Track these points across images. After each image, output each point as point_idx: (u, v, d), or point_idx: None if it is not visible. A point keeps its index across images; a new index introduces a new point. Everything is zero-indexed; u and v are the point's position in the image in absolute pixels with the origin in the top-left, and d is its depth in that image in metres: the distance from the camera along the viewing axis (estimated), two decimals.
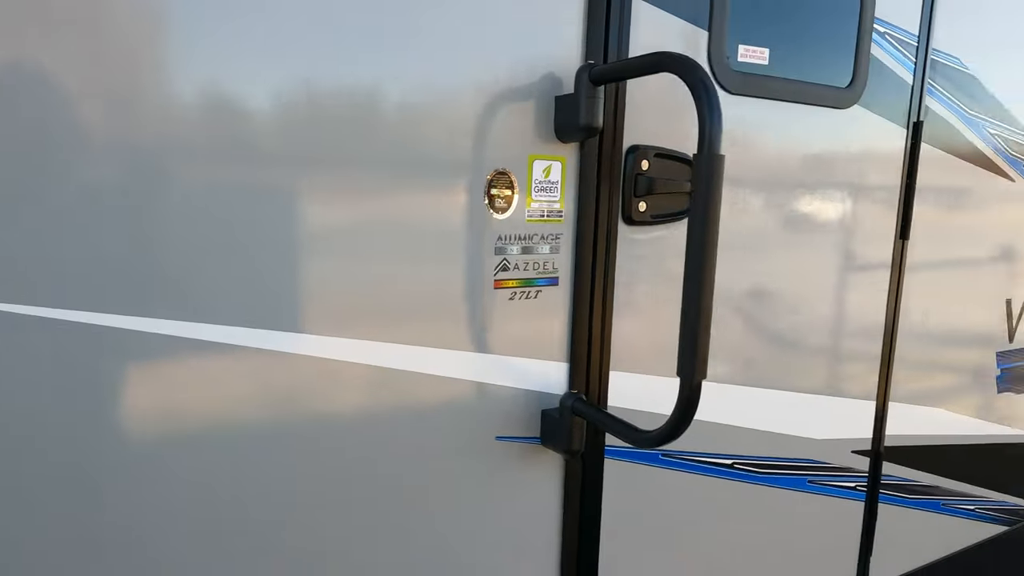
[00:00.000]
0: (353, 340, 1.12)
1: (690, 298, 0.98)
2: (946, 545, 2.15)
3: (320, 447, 1.11)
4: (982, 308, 2.08)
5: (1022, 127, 2.00)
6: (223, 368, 1.02)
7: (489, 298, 1.23)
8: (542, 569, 1.38)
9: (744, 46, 1.41)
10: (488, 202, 1.20)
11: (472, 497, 1.27)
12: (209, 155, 0.96)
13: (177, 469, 1.01)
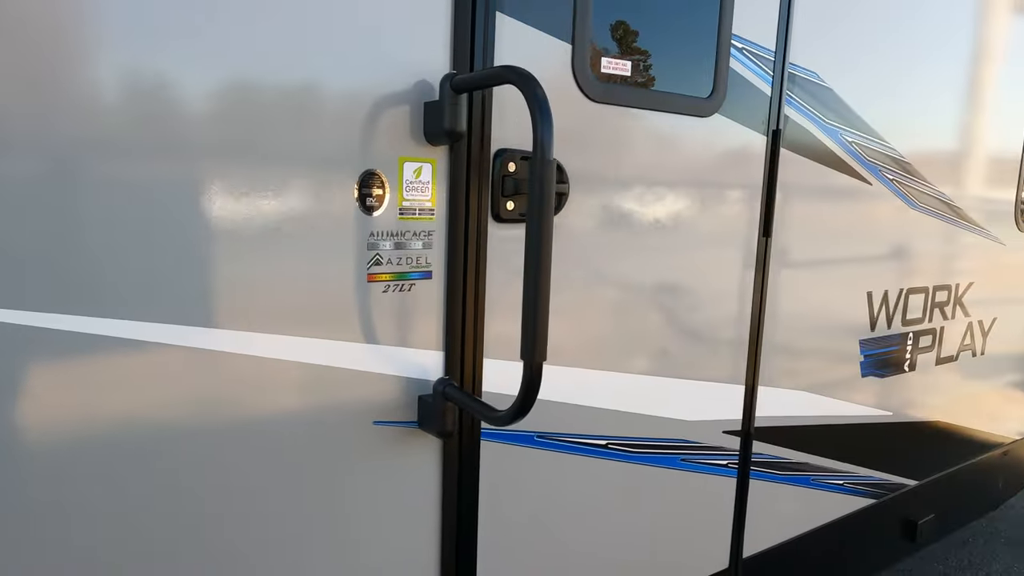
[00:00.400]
0: (231, 332, 1.18)
1: (529, 289, 1.08)
2: (817, 517, 2.35)
3: (200, 438, 1.17)
4: (845, 300, 2.28)
5: (876, 135, 2.21)
6: (99, 362, 1.07)
7: (363, 291, 1.31)
8: (423, 545, 1.47)
9: (607, 58, 1.54)
10: (359, 200, 1.28)
11: (352, 478, 1.35)
12: (82, 150, 1.02)
13: (69, 467, 1.06)
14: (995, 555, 4.06)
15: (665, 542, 1.92)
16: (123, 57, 1.03)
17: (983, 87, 2.61)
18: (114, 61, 1.02)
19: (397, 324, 1.36)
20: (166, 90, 1.06)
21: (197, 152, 1.11)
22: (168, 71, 1.06)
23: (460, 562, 1.50)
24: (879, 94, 2.21)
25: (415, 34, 1.29)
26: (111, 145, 1.04)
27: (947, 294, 2.66)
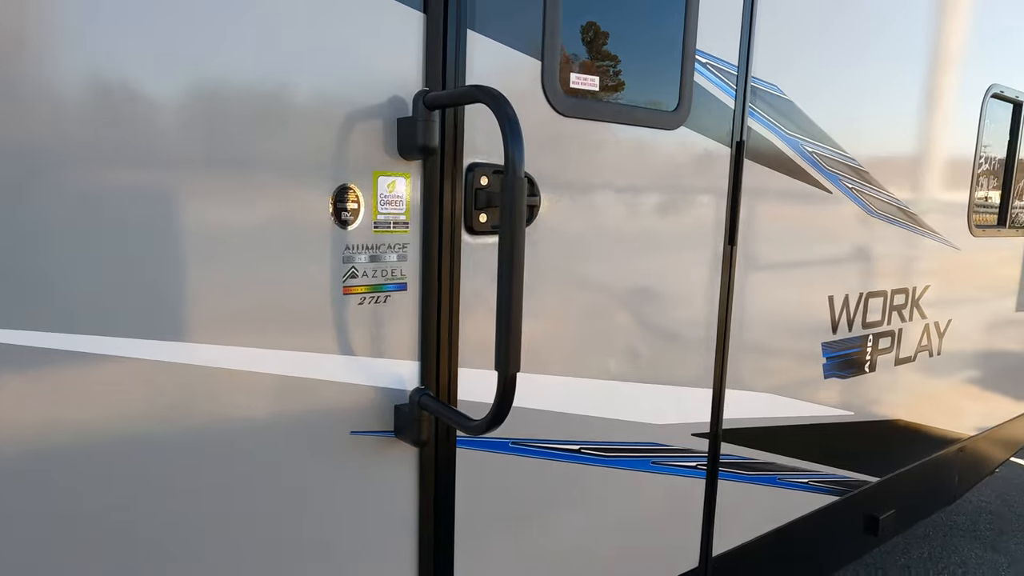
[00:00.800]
0: (208, 345, 1.19)
1: (503, 301, 1.12)
2: (783, 515, 2.42)
3: (176, 451, 1.18)
4: (808, 304, 2.35)
5: (835, 144, 2.29)
6: (71, 376, 1.07)
7: (339, 304, 1.33)
8: (400, 550, 1.49)
9: (576, 74, 1.58)
10: (335, 214, 1.30)
11: (330, 487, 1.37)
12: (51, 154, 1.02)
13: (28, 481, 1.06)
14: (954, 548, 4.21)
15: (637, 543, 1.97)
16: (92, 61, 1.04)
17: (937, 100, 2.72)
18: (79, 65, 1.03)
19: (373, 335, 1.39)
20: (142, 98, 1.08)
21: (173, 163, 1.12)
22: (143, 79, 1.08)
23: (437, 566, 1.53)
24: (837, 105, 2.29)
25: (388, 51, 1.32)
26: (81, 153, 1.05)
27: (905, 297, 2.76)
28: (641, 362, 1.87)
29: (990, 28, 2.96)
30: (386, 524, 1.47)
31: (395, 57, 1.33)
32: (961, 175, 2.97)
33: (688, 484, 2.06)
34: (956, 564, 4.00)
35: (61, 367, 1.06)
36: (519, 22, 1.47)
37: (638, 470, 1.90)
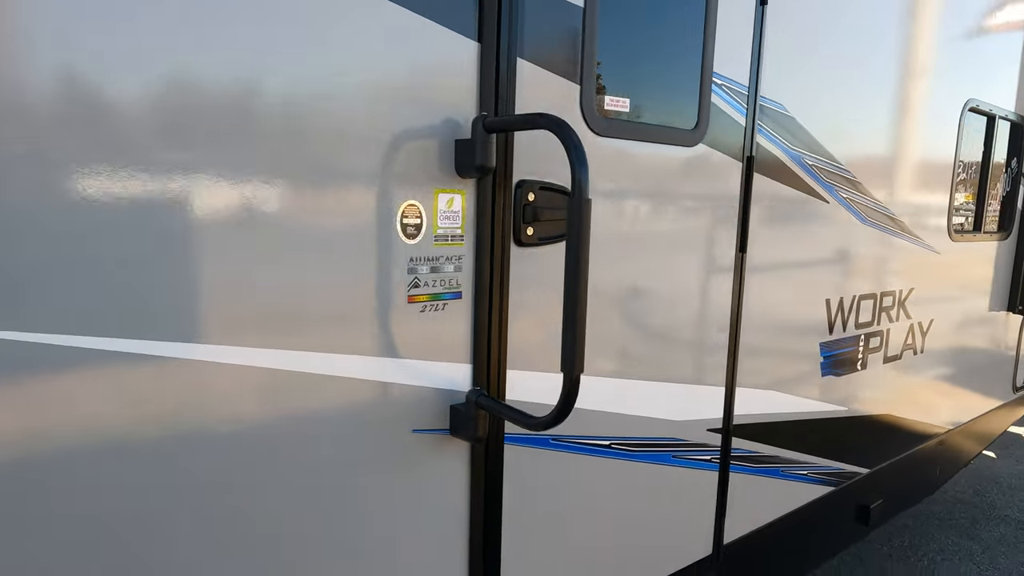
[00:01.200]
0: (286, 351, 1.29)
1: (569, 309, 1.24)
2: (786, 505, 2.58)
3: (262, 445, 1.28)
4: (808, 307, 2.51)
5: (831, 157, 2.46)
6: (172, 381, 1.17)
7: (404, 311, 1.44)
8: (453, 537, 1.60)
9: (610, 96, 1.71)
10: (401, 230, 1.41)
11: (392, 481, 1.48)
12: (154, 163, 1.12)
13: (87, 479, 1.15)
14: (932, 536, 4.43)
15: (658, 532, 2.10)
16: (206, 83, 1.14)
17: (920, 114, 2.91)
18: (199, 91, 1.13)
19: (432, 340, 1.49)
20: (250, 117, 1.17)
21: (261, 177, 1.22)
22: (253, 102, 1.18)
23: (487, 550, 1.64)
24: (832, 120, 2.46)
25: (446, 78, 1.43)
26: (187, 167, 1.14)
27: (892, 299, 2.94)
28: (663, 362, 2.00)
29: (966, 47, 3.17)
30: (441, 514, 1.57)
31: (453, 83, 1.44)
32: (941, 183, 3.17)
33: (703, 477, 2.20)
34: (935, 551, 4.22)
35: (152, 372, 1.15)
36: (561, 50, 1.59)
37: (660, 464, 2.03)
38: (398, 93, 1.36)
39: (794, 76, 2.26)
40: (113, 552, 1.15)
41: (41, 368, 1.05)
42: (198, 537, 1.23)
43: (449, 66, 1.43)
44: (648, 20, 1.77)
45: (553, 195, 1.61)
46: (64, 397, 1.07)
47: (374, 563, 1.48)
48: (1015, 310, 3.99)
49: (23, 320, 1.02)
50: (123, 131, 1.07)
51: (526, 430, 1.56)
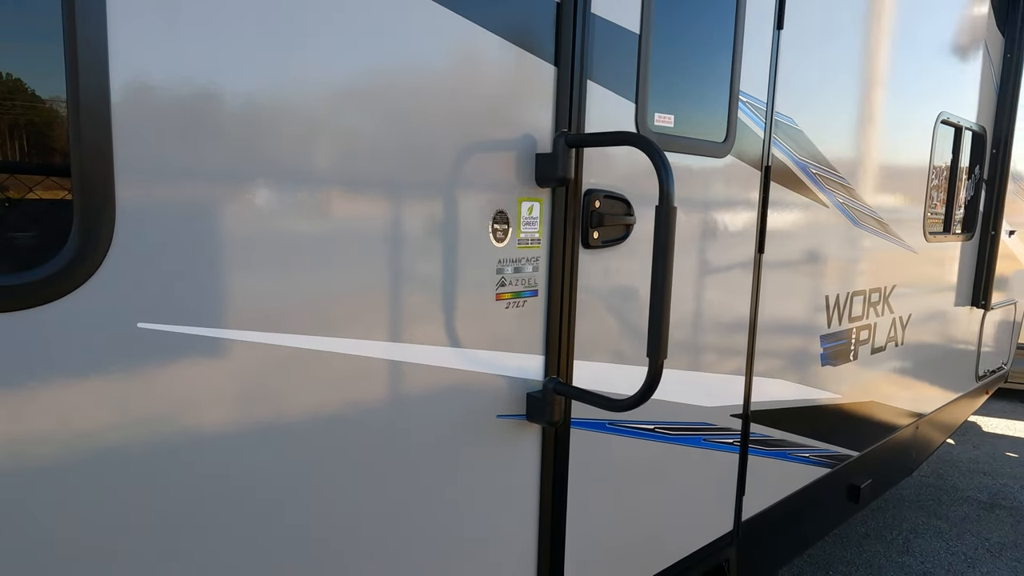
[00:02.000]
0: (397, 344, 1.44)
1: (656, 302, 1.41)
2: (792, 485, 2.81)
3: (368, 428, 1.42)
4: (812, 303, 2.75)
5: (829, 165, 2.70)
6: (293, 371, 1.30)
7: (493, 308, 1.60)
8: (527, 509, 1.76)
9: (658, 113, 1.90)
10: (492, 235, 1.57)
11: (478, 460, 1.63)
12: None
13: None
14: (904, 517, 4.77)
15: (690, 509, 2.29)
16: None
17: (901, 126, 3.20)
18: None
19: (513, 334, 1.65)
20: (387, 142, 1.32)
21: (385, 190, 1.36)
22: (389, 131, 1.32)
23: (555, 517, 1.81)
24: (830, 131, 2.70)
25: (528, 97, 1.60)
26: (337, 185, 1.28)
27: (878, 295, 3.21)
28: (697, 353, 2.20)
29: (937, 65, 3.47)
30: (518, 490, 1.73)
31: (533, 102, 1.61)
32: (918, 189, 3.46)
33: (726, 458, 2.40)
34: (908, 531, 4.55)
35: (281, 362, 1.29)
36: (621, 72, 1.77)
37: (693, 446, 2.23)
38: (494, 114, 1.52)
39: (802, 93, 2.49)
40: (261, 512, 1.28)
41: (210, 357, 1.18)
42: (322, 506, 1.37)
43: (532, 87, 1.59)
44: (688, 44, 1.97)
45: (615, 202, 1.79)
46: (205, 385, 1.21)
47: (462, 530, 1.63)
48: (978, 305, 4.33)
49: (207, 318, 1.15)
50: (271, 145, 1.21)
51: (602, 413, 1.73)
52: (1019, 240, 4.91)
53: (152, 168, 1.08)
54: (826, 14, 2.56)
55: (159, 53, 1.07)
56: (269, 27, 1.18)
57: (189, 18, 1.09)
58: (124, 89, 1.04)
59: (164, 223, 1.10)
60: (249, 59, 1.16)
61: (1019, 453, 6.04)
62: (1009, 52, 4.11)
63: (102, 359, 1.07)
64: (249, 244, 1.20)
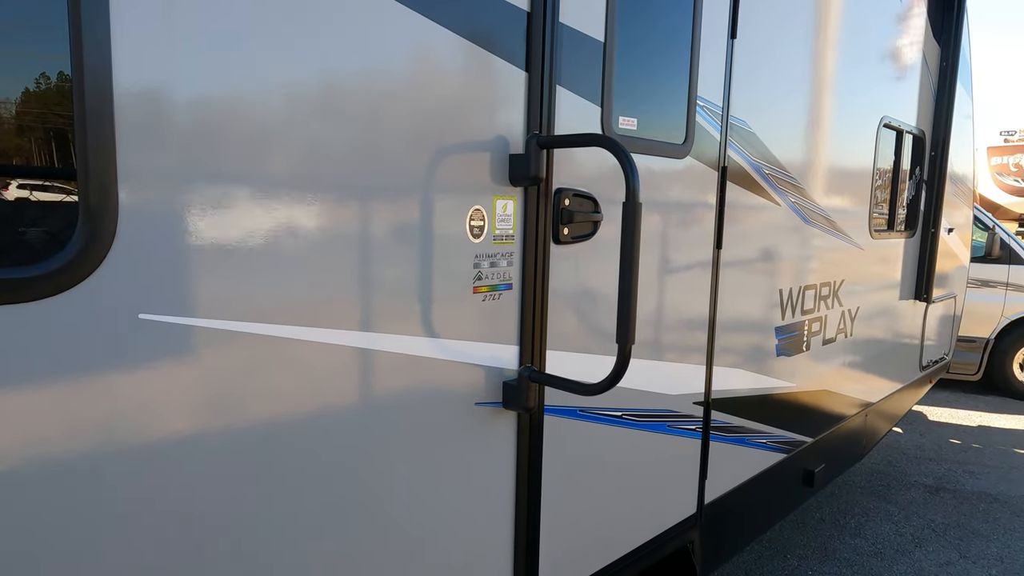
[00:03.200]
0: (382, 334, 1.51)
1: (624, 291, 1.52)
2: (750, 470, 2.96)
3: (348, 419, 1.49)
4: (767, 297, 2.91)
5: (780, 166, 2.86)
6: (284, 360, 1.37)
7: (470, 300, 1.68)
8: (503, 490, 1.85)
9: (623, 117, 2.01)
10: (469, 231, 1.66)
11: (458, 446, 1.71)
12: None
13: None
14: (856, 501, 5.00)
15: (657, 493, 2.41)
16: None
17: (847, 129, 3.39)
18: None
19: (490, 325, 1.74)
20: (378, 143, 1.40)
21: (366, 192, 1.44)
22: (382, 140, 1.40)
23: (530, 499, 1.90)
24: (780, 133, 2.87)
25: (502, 101, 1.69)
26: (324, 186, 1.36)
27: (828, 289, 3.40)
28: (662, 344, 2.32)
29: (880, 71, 3.69)
30: (495, 473, 1.82)
31: (506, 105, 1.70)
32: (864, 188, 3.67)
33: (689, 444, 2.53)
34: (860, 515, 4.77)
35: (274, 351, 1.35)
36: (587, 77, 1.88)
37: (658, 432, 2.35)
38: (471, 116, 1.61)
39: (755, 98, 2.64)
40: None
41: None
42: (317, 497, 1.44)
43: (505, 91, 1.69)
44: (649, 51, 2.09)
45: (583, 201, 1.90)
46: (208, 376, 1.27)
47: (442, 513, 1.71)
48: (920, 298, 4.59)
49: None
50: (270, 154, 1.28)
51: (574, 400, 1.83)
52: (957, 237, 5.21)
53: (152, 169, 1.14)
54: (776, 25, 2.72)
55: (161, 59, 1.13)
56: (265, 30, 1.25)
57: (188, 24, 1.16)
58: (126, 92, 1.10)
59: (163, 220, 1.16)
60: (247, 64, 1.23)
61: (962, 440, 6.38)
62: (944, 60, 4.38)
63: (107, 348, 1.12)
64: (242, 240, 1.26)
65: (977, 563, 4.13)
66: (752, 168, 2.67)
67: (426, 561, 1.68)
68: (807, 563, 4.07)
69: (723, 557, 2.94)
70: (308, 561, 1.44)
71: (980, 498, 5.08)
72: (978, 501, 5.03)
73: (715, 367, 2.61)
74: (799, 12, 2.87)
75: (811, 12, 2.96)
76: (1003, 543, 4.40)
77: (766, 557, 4.12)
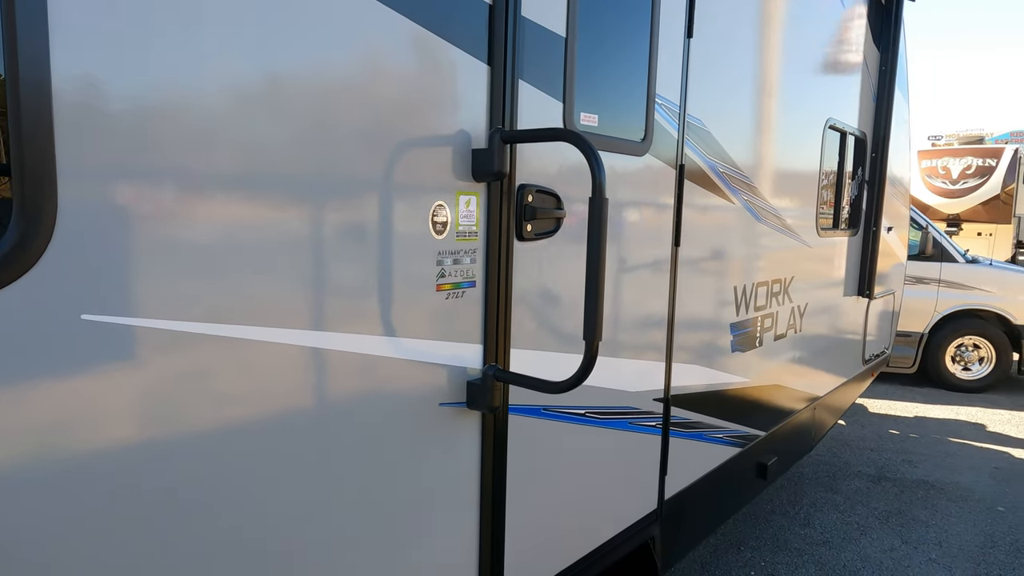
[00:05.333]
0: (340, 334, 1.46)
1: (591, 288, 1.50)
2: (708, 464, 3.00)
3: (306, 423, 1.44)
4: (722, 293, 2.95)
5: (735, 165, 2.91)
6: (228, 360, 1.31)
7: (433, 298, 1.64)
8: (470, 489, 1.81)
9: (584, 113, 2.00)
10: (432, 227, 1.61)
11: (425, 447, 1.67)
12: None
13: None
14: (804, 493, 5.14)
15: (619, 489, 2.41)
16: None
17: (796, 130, 3.48)
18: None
19: (453, 324, 1.70)
20: (330, 139, 1.34)
21: (331, 188, 1.39)
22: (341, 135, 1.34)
23: (495, 498, 1.87)
24: (735, 132, 2.91)
25: (463, 95, 1.65)
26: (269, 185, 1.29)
27: (779, 286, 3.48)
28: (622, 340, 2.32)
29: (825, 74, 3.80)
30: (460, 473, 1.78)
31: (469, 99, 1.67)
32: (811, 188, 3.77)
33: (650, 440, 2.54)
34: (808, 504, 4.91)
35: (224, 353, 1.29)
36: (549, 73, 1.86)
37: (620, 429, 2.35)
38: (433, 110, 1.57)
39: (710, 98, 2.68)
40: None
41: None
42: (271, 495, 1.37)
43: (468, 85, 1.65)
44: (610, 48, 2.09)
45: (546, 197, 1.87)
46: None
47: (406, 516, 1.66)
48: (862, 294, 4.75)
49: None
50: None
51: (538, 399, 1.80)
52: (896, 236, 5.42)
53: (96, 164, 1.07)
54: (729, 26, 2.77)
55: (103, 51, 1.06)
56: (211, 21, 1.18)
57: (132, 15, 1.08)
58: (66, 85, 1.02)
59: (108, 217, 1.09)
60: (193, 57, 1.16)
61: (900, 431, 6.64)
62: (884, 65, 4.55)
63: (45, 350, 1.04)
64: (192, 237, 1.19)
65: (918, 548, 4.30)
66: (708, 166, 2.70)
67: (390, 566, 1.63)
68: (760, 554, 4.16)
69: (682, 551, 2.97)
70: (265, 573, 1.38)
71: (919, 485, 5.30)
72: (917, 488, 5.24)
73: (674, 364, 2.63)
74: (751, 14, 2.93)
75: (762, 15, 3.02)
76: (941, 528, 4.59)
77: (721, 550, 4.19)
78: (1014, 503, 5.03)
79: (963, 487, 5.30)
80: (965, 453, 6.06)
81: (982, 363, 8.00)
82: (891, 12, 4.49)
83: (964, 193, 16.66)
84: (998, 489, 5.27)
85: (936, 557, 4.19)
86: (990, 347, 7.90)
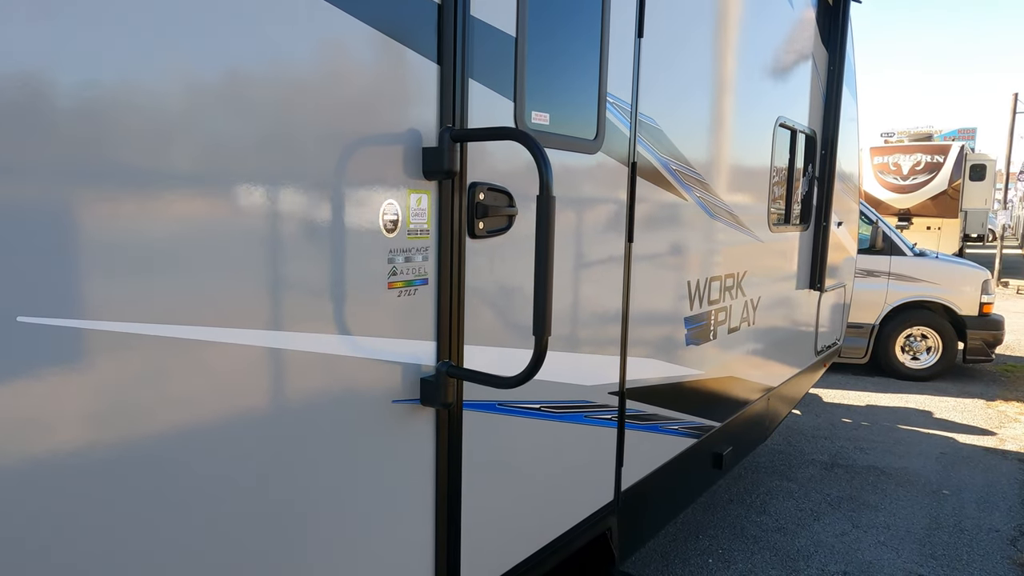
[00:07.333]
0: (289, 332, 1.46)
1: (539, 284, 1.53)
2: (664, 455, 3.06)
3: (257, 424, 1.43)
4: (676, 288, 3.01)
5: (687, 162, 2.97)
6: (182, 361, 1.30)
7: (384, 296, 1.65)
8: (424, 485, 1.83)
9: (535, 112, 2.03)
10: (383, 225, 1.62)
11: (379, 443, 1.68)
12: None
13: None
14: (760, 481, 5.28)
15: (576, 481, 2.45)
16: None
17: (746, 128, 3.56)
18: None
19: (406, 321, 1.72)
20: (288, 137, 1.34)
21: (279, 183, 1.38)
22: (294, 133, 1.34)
23: (451, 494, 1.89)
24: (686, 130, 2.98)
25: (412, 94, 1.66)
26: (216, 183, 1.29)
27: (732, 280, 3.56)
28: (577, 335, 2.36)
29: (776, 73, 3.90)
30: (415, 470, 1.80)
31: (419, 98, 1.68)
32: (762, 184, 3.87)
33: (606, 433, 2.59)
34: (764, 493, 5.04)
35: (169, 353, 1.28)
36: (500, 71, 1.88)
37: (576, 423, 2.39)
38: (382, 108, 1.58)
39: (662, 96, 2.73)
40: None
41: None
42: (228, 498, 1.37)
43: (417, 84, 1.66)
44: (560, 47, 2.12)
45: (497, 195, 1.90)
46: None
47: (360, 515, 1.67)
48: (814, 287, 4.89)
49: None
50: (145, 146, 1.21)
51: (493, 395, 1.82)
52: (846, 230, 5.58)
53: (32, 159, 1.05)
54: (680, 25, 2.82)
55: (42, 42, 1.04)
56: (159, 14, 1.17)
57: (74, 5, 1.07)
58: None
59: (46, 214, 1.07)
60: (139, 51, 1.15)
61: (852, 419, 6.85)
62: (832, 64, 4.68)
63: None
64: (138, 236, 1.18)
65: (868, 531, 4.45)
66: (660, 164, 2.76)
67: (345, 567, 1.63)
68: (718, 542, 4.26)
69: (640, 542, 3.03)
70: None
71: (869, 471, 5.48)
72: (868, 474, 5.43)
73: (629, 357, 2.68)
74: (701, 14, 2.99)
75: (712, 14, 3.08)
76: (890, 511, 4.76)
77: (680, 539, 4.28)
78: (958, 486, 5.24)
79: (911, 472, 5.50)
80: (913, 439, 6.29)
81: (930, 352, 8.30)
82: (838, 13, 4.62)
83: (914, 188, 17.26)
84: (943, 473, 5.49)
85: (885, 540, 4.35)
86: (937, 337, 8.20)
